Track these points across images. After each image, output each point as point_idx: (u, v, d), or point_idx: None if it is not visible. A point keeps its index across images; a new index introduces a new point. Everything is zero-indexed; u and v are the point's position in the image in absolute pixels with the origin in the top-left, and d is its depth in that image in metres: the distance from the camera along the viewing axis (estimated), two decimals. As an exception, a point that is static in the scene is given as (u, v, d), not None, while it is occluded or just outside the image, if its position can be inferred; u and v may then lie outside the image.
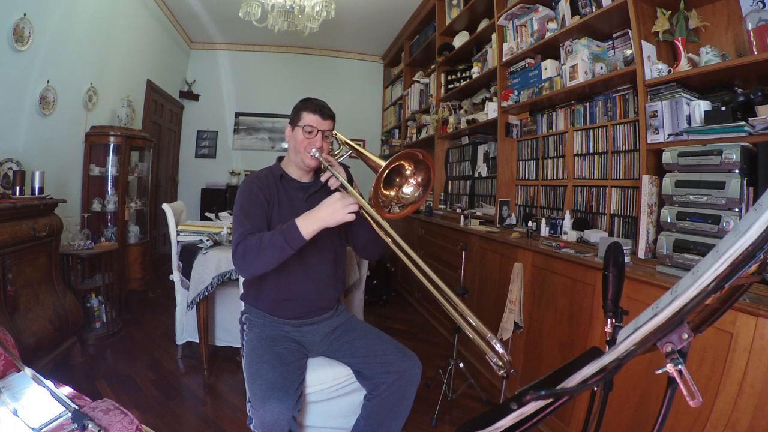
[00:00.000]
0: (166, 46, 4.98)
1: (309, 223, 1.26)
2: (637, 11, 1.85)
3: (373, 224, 1.27)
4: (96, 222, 3.27)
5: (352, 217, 1.26)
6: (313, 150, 1.43)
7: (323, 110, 1.45)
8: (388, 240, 1.22)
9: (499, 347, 0.90)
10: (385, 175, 1.21)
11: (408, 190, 1.29)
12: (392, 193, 1.29)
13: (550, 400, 0.48)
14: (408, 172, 1.29)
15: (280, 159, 1.60)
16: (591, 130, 2.31)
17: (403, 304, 4.05)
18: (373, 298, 3.91)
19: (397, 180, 1.30)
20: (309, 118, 1.44)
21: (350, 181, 1.49)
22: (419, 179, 1.28)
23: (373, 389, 1.43)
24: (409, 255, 1.14)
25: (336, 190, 1.45)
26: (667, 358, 0.46)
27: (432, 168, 1.26)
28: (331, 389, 1.46)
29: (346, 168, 1.51)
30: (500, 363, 0.89)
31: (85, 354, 2.55)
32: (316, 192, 1.54)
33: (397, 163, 1.24)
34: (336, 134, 1.55)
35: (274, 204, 1.47)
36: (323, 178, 1.45)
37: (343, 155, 1.56)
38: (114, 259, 3.05)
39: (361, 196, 1.44)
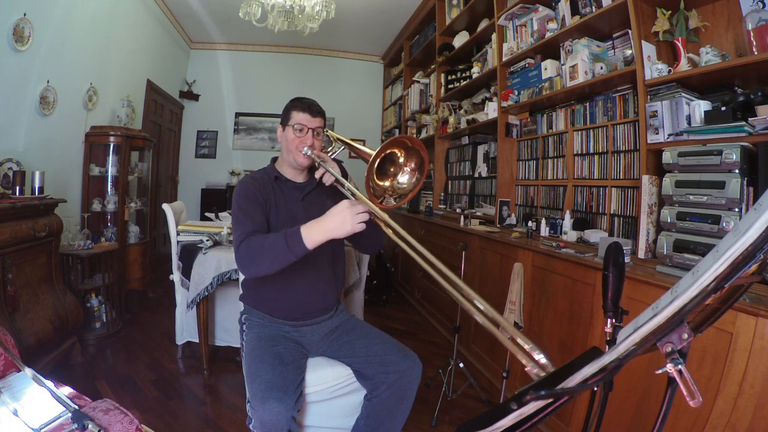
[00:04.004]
0: (166, 46, 4.98)
1: (314, 234, 1.18)
2: (637, 11, 1.85)
3: (383, 226, 1.15)
4: (96, 222, 3.27)
5: (362, 227, 1.15)
6: (305, 148, 1.43)
7: (312, 108, 1.45)
8: (399, 241, 1.05)
9: (543, 359, 0.63)
10: (376, 164, 1.20)
11: (403, 178, 1.27)
12: (387, 183, 1.27)
13: (550, 400, 0.48)
14: (401, 160, 1.27)
15: (274, 160, 1.60)
16: (591, 130, 2.31)
17: (403, 304, 4.05)
18: (373, 298, 3.90)
19: (391, 169, 1.28)
20: (298, 117, 1.44)
21: (344, 175, 1.48)
22: (412, 164, 1.25)
23: (373, 389, 1.43)
24: (422, 254, 0.96)
25: (332, 186, 1.44)
26: (667, 358, 0.46)
27: (423, 150, 1.23)
28: (331, 389, 1.46)
29: (339, 163, 1.51)
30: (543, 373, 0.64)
31: (85, 354, 2.55)
32: (311, 191, 1.54)
33: (388, 151, 1.22)
34: (327, 132, 1.55)
35: (271, 205, 1.47)
36: (317, 175, 1.44)
37: (336, 152, 1.56)
38: (114, 259, 3.05)
39: (357, 189, 1.43)
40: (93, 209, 3.25)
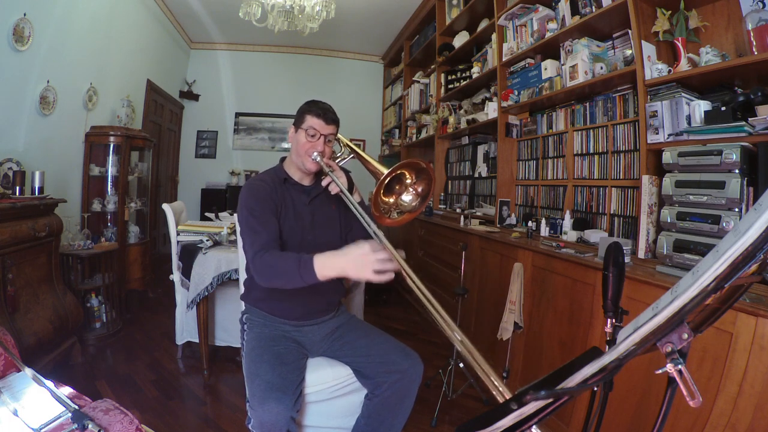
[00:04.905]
0: (166, 46, 4.98)
1: (327, 268, 1.16)
2: (637, 11, 1.85)
3: (409, 280, 1.01)
4: (96, 222, 3.27)
5: (378, 278, 1.07)
6: (315, 154, 1.42)
7: (327, 114, 1.43)
8: (414, 287, 0.97)
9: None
10: (386, 182, 1.20)
11: (407, 198, 1.28)
12: (391, 200, 1.28)
13: (550, 400, 0.48)
14: (408, 181, 1.28)
15: (282, 159, 1.60)
16: (591, 130, 2.31)
17: (403, 304, 4.05)
18: (373, 298, 3.90)
19: (397, 187, 1.29)
20: (312, 122, 1.42)
21: (351, 185, 1.48)
22: (419, 189, 1.27)
23: (374, 389, 1.43)
24: (435, 308, 0.89)
25: (336, 196, 1.44)
26: (667, 358, 0.46)
27: (432, 180, 1.24)
28: (331, 389, 1.46)
29: (347, 173, 1.50)
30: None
31: (85, 354, 2.55)
32: (318, 195, 1.53)
33: (398, 172, 1.23)
34: (338, 137, 1.55)
35: (281, 208, 1.46)
36: (324, 183, 1.44)
37: (345, 158, 1.56)
38: (114, 259, 3.05)
39: (362, 198, 1.43)
40: (93, 209, 3.25)
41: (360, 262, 1.09)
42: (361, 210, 1.26)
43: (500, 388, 0.71)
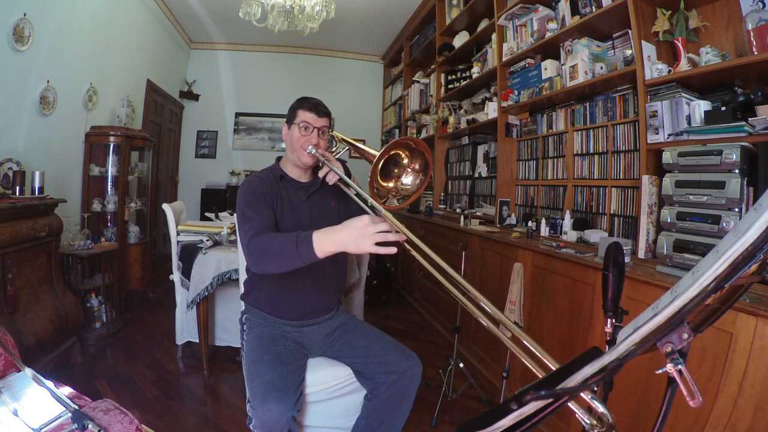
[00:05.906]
0: (166, 46, 4.98)
1: (326, 243, 1.10)
2: (637, 11, 1.85)
3: (413, 250, 1.04)
4: (96, 222, 3.27)
5: (380, 250, 1.03)
6: (310, 147, 1.43)
7: (318, 108, 1.46)
8: (424, 261, 0.99)
9: (599, 406, 0.54)
10: (381, 165, 1.18)
11: (407, 179, 1.26)
12: (391, 184, 1.26)
13: (550, 400, 0.48)
14: (405, 161, 1.26)
15: (279, 159, 1.60)
16: (591, 130, 2.31)
17: (403, 304, 4.05)
18: (373, 298, 3.90)
19: (395, 171, 1.27)
20: (304, 116, 1.44)
21: (348, 175, 1.48)
22: (416, 166, 1.23)
23: (373, 389, 1.43)
24: (453, 277, 0.90)
25: (336, 187, 1.44)
26: (667, 358, 0.46)
27: (428, 152, 1.20)
28: (331, 389, 1.46)
29: (343, 163, 1.51)
30: (593, 422, 0.56)
31: (85, 354, 2.55)
32: (315, 191, 1.54)
33: (392, 152, 1.21)
34: (333, 132, 1.55)
35: (277, 204, 1.47)
36: (321, 174, 1.44)
37: (340, 152, 1.57)
38: (114, 259, 3.05)
39: (360, 187, 1.43)
40: (93, 209, 3.25)
41: (360, 234, 1.05)
42: (361, 191, 1.26)
43: (548, 361, 0.68)
